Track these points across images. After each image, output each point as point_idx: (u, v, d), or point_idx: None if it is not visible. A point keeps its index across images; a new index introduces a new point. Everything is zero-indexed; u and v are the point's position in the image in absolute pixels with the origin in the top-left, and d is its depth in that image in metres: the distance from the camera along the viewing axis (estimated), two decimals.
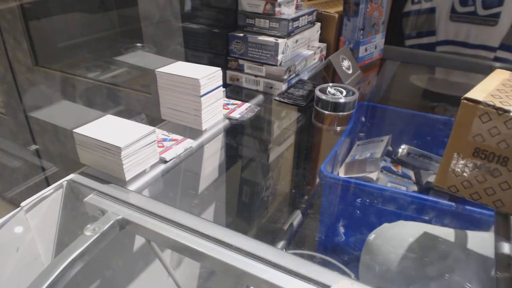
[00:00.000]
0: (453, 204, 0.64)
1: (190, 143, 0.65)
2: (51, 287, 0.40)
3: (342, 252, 0.78)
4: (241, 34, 0.89)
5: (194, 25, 0.96)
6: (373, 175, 0.84)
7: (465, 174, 0.43)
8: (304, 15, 0.93)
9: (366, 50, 1.09)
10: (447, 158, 0.44)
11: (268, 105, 0.88)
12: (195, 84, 0.64)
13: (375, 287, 0.36)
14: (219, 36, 0.93)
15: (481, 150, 0.41)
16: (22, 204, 0.49)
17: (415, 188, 0.90)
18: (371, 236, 0.60)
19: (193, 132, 0.69)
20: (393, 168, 0.95)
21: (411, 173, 0.94)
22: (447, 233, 0.56)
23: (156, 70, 0.67)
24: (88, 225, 0.46)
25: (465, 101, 0.41)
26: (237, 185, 0.95)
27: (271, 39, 0.86)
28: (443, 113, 0.96)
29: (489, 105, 0.40)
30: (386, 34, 1.14)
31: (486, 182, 0.42)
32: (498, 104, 0.39)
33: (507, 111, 0.39)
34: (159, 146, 0.61)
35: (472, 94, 0.42)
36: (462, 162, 0.42)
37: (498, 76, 0.50)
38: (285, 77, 0.88)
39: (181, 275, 0.81)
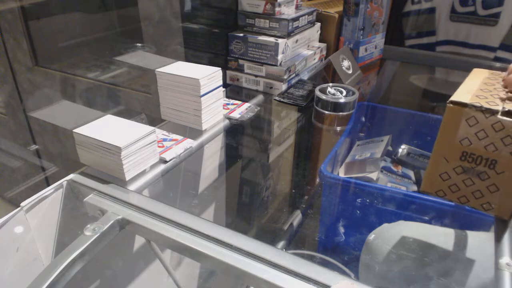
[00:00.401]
0: (453, 204, 0.64)
1: (190, 143, 0.65)
2: (51, 287, 0.40)
3: (342, 252, 0.78)
4: (241, 34, 0.89)
5: (194, 25, 0.96)
6: (373, 175, 0.84)
7: (452, 178, 0.42)
8: (304, 15, 0.93)
9: (366, 50, 1.09)
10: (434, 163, 0.43)
11: (268, 105, 0.88)
12: (195, 84, 0.64)
13: (375, 287, 0.36)
14: (219, 36, 0.93)
15: (468, 153, 0.40)
16: (22, 204, 0.49)
17: (415, 188, 0.90)
18: (371, 236, 0.60)
19: (193, 132, 0.69)
20: (393, 168, 0.96)
21: (411, 173, 0.94)
22: (447, 233, 0.56)
23: (156, 70, 0.67)
24: (88, 225, 0.46)
25: (451, 105, 0.40)
26: (237, 185, 0.95)
27: (271, 39, 0.86)
28: (443, 113, 0.97)
29: (475, 107, 0.39)
30: (386, 34, 1.14)
31: (474, 185, 0.42)
32: (485, 105, 0.38)
33: (495, 112, 0.38)
34: (159, 146, 0.61)
35: (457, 96, 0.41)
36: (449, 166, 0.42)
37: (477, 76, 0.49)
38: (285, 77, 0.88)
39: (181, 275, 0.81)
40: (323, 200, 0.77)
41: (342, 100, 0.83)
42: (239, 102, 0.81)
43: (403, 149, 0.97)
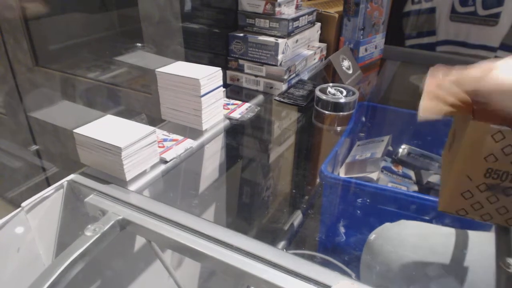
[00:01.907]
0: None
1: (190, 143, 0.65)
2: (51, 287, 0.40)
3: (343, 252, 0.78)
4: (241, 34, 0.89)
5: (194, 25, 0.96)
6: (374, 175, 0.84)
7: (475, 196, 0.40)
8: (304, 15, 0.93)
9: (366, 50, 1.09)
10: (455, 182, 0.41)
11: (268, 105, 0.88)
12: (195, 84, 0.64)
13: (375, 287, 0.36)
14: (219, 36, 0.93)
15: (493, 170, 0.38)
16: (23, 204, 0.49)
17: (415, 188, 0.90)
18: (372, 236, 0.60)
19: (193, 132, 0.69)
20: (393, 168, 0.95)
21: (411, 173, 0.94)
22: (447, 233, 0.56)
23: (156, 70, 0.67)
24: (89, 226, 0.46)
25: (476, 121, 0.38)
26: (238, 185, 0.95)
27: (271, 39, 0.86)
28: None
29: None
30: (386, 34, 1.14)
31: (498, 202, 0.40)
32: None
33: None
34: (159, 146, 0.61)
35: None
36: (472, 184, 0.40)
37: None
38: (285, 77, 0.88)
39: (182, 275, 0.81)
40: (323, 200, 0.77)
41: (342, 100, 0.83)
42: (239, 102, 0.81)
43: (403, 149, 0.97)
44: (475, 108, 0.38)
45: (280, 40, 0.85)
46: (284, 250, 0.62)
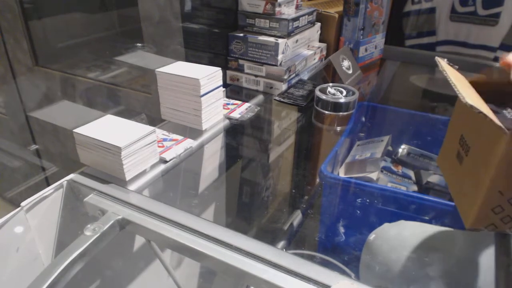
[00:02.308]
0: (453, 204, 0.64)
1: (190, 143, 0.65)
2: (51, 287, 0.40)
3: (342, 252, 0.77)
4: (241, 34, 0.89)
5: (194, 25, 0.96)
6: (373, 175, 0.84)
7: (506, 210, 0.40)
8: (304, 15, 0.93)
9: (366, 50, 1.09)
10: (486, 198, 0.40)
11: (268, 105, 0.88)
12: (195, 84, 0.64)
13: (375, 287, 0.36)
14: (219, 36, 0.93)
15: None
16: (22, 204, 0.49)
17: (415, 188, 0.90)
18: (371, 236, 0.60)
19: (193, 132, 0.69)
20: (393, 168, 0.95)
21: (411, 173, 0.93)
22: (447, 233, 0.56)
23: (156, 70, 0.67)
24: (88, 225, 0.46)
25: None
26: (237, 185, 0.95)
27: (271, 39, 0.86)
28: (443, 113, 0.97)
29: None
30: (386, 34, 1.14)
31: None
32: None
33: None
34: (159, 146, 0.61)
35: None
36: (503, 199, 0.40)
37: (462, 81, 0.47)
38: (285, 77, 0.88)
39: (181, 275, 0.81)
40: (323, 200, 0.77)
41: (342, 100, 0.83)
42: (239, 102, 0.81)
43: (403, 149, 0.97)
44: None
45: (280, 40, 0.85)
46: (284, 250, 0.62)
